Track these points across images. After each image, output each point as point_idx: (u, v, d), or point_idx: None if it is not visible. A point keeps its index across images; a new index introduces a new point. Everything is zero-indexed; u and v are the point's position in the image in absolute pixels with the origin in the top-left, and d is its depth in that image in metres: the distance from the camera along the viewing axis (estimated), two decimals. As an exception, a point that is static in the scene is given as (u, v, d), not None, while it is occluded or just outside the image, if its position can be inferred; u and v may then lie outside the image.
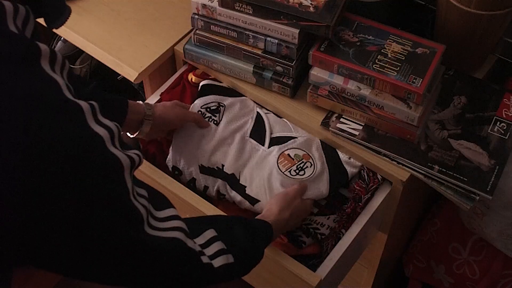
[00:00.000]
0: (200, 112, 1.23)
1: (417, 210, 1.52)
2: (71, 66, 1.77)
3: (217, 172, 1.18)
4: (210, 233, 0.85)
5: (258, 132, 1.22)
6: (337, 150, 1.20)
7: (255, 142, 1.20)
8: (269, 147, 1.19)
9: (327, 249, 1.14)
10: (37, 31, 0.72)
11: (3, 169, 0.60)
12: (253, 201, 1.15)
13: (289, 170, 1.15)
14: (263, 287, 1.21)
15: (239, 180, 1.17)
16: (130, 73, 1.31)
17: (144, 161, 1.19)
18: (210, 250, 0.83)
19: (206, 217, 0.96)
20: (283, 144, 1.19)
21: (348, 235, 1.13)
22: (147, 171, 1.17)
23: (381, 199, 1.16)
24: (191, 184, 1.20)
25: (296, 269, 1.05)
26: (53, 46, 1.74)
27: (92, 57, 1.43)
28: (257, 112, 1.25)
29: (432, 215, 1.53)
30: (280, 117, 1.26)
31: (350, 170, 1.18)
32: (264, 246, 0.98)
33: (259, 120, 1.23)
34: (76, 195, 0.63)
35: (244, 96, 1.28)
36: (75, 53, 1.76)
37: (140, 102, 1.14)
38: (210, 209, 1.13)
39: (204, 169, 1.18)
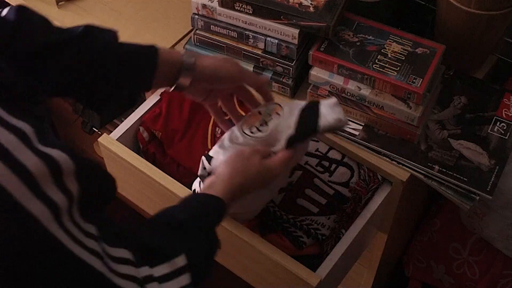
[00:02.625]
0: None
1: (417, 210, 1.52)
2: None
3: None
4: (181, 261, 0.73)
5: None
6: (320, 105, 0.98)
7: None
8: None
9: (327, 249, 1.14)
10: None
11: None
12: (209, 158, 0.99)
13: (250, 127, 0.96)
14: (263, 287, 1.21)
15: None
16: (130, 73, 1.31)
17: (144, 161, 1.19)
18: (173, 284, 0.72)
19: (177, 226, 0.79)
20: None
21: (348, 235, 1.13)
22: (147, 171, 1.17)
23: (381, 199, 1.16)
24: None
25: (296, 269, 1.05)
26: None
27: (92, 57, 1.43)
28: None
29: (432, 215, 1.53)
30: None
31: (326, 117, 0.96)
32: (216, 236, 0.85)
33: None
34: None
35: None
36: (75, 53, 1.75)
37: (177, 50, 0.95)
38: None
39: None
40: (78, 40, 0.84)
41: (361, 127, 1.19)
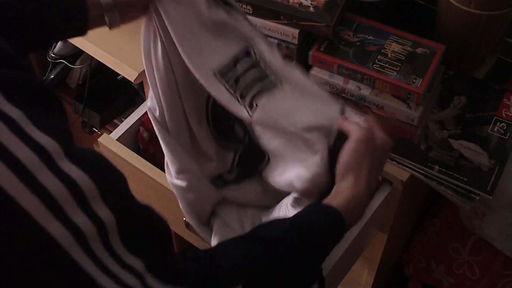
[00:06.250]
0: None
1: (417, 210, 1.52)
2: (72, 66, 1.77)
3: None
4: None
5: None
6: None
7: None
8: None
9: (327, 249, 1.13)
10: None
11: None
12: None
13: None
14: (263, 287, 1.21)
15: None
16: (130, 73, 1.31)
17: (144, 161, 1.19)
18: None
19: (242, 247, 0.70)
20: None
21: (348, 235, 1.13)
22: (147, 171, 1.17)
23: (381, 199, 1.16)
24: None
25: (296, 269, 1.05)
26: (53, 46, 1.74)
27: (92, 57, 1.43)
28: None
29: (432, 215, 1.53)
30: None
31: None
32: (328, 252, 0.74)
33: None
34: None
35: None
36: (75, 53, 1.76)
37: None
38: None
39: None
40: None
41: (361, 127, 1.19)
